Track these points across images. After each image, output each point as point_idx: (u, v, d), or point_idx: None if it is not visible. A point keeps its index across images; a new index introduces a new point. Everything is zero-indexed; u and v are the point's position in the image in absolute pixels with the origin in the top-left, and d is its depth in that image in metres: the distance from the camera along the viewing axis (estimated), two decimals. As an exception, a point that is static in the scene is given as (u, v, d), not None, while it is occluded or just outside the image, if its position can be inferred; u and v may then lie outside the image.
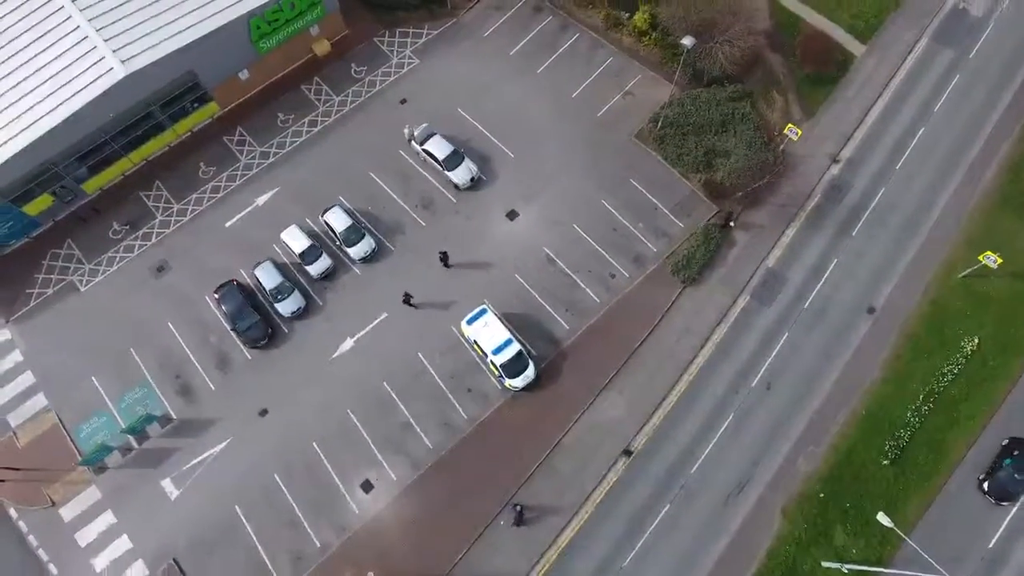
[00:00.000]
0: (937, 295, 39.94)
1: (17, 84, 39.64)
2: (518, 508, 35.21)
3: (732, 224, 41.73)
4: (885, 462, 36.07)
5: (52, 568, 35.65)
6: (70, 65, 39.76)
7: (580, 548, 35.16)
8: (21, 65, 39.96)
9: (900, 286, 40.22)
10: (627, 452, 36.93)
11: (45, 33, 40.23)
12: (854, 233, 41.66)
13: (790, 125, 42.63)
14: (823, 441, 36.86)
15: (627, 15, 48.17)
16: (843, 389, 37.82)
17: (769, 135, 44.02)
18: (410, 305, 40.26)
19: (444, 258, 40.97)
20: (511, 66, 47.35)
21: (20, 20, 40.71)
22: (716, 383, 38.26)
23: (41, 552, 35.99)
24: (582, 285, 40.61)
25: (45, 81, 39.71)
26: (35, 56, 40.09)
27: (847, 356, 38.57)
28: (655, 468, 36.62)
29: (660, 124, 43.86)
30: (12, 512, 36.72)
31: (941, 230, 41.61)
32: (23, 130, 38.81)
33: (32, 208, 42.13)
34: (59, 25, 40.28)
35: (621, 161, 43.88)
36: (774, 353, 38.75)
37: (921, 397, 37.32)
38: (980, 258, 37.95)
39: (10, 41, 40.38)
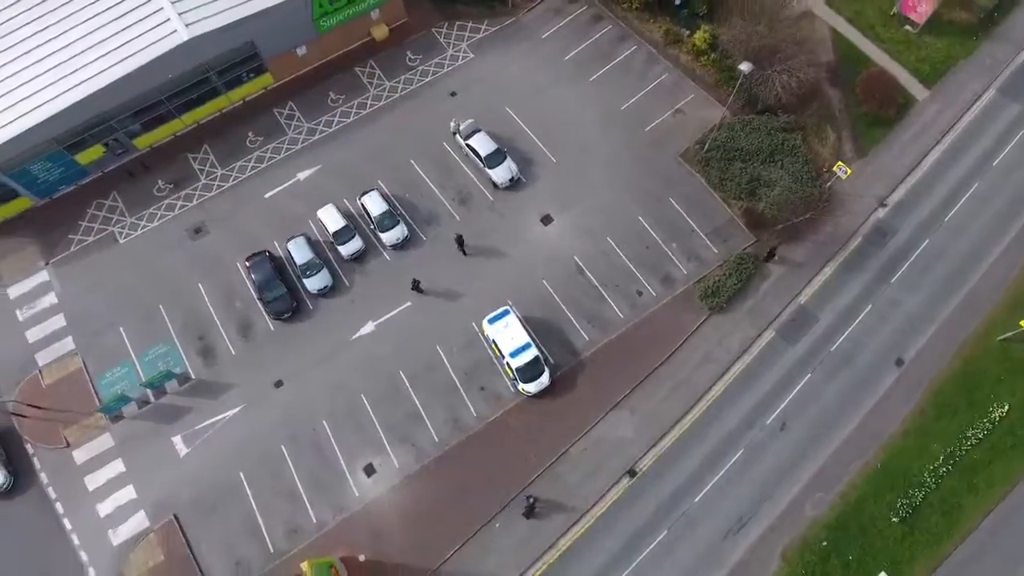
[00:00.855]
0: (971, 355, 38.55)
1: (84, 36, 40.74)
2: (531, 500, 35.01)
3: (775, 258, 40.81)
4: (895, 519, 34.96)
5: (59, 507, 36.50)
6: (136, 23, 40.78)
7: (573, 561, 34.79)
8: (90, 19, 41.07)
9: (933, 341, 38.91)
10: (632, 472, 36.42)
11: (117, -10, 41.33)
12: (893, 280, 40.43)
13: (840, 163, 41.56)
14: (833, 488, 35.87)
15: (687, 33, 47.45)
16: (860, 439, 36.74)
17: (817, 170, 42.96)
18: (419, 291, 40.28)
19: (460, 241, 40.92)
20: (564, 71, 47.00)
21: (95, -25, 41.86)
22: (730, 415, 37.49)
23: (51, 490, 36.90)
24: (608, 299, 40.15)
25: (111, 36, 40.79)
26: (105, 11, 41.19)
27: (869, 406, 37.45)
28: (658, 491, 36.03)
29: (707, 146, 43.11)
30: (29, 447, 37.75)
31: (984, 289, 40.14)
32: (84, 81, 39.83)
33: (83, 157, 43.19)
34: (131, -16, 41.32)
35: (663, 179, 43.26)
36: (794, 393, 37.81)
37: (941, 458, 36.08)
38: (1022, 323, 36.53)
39: (84, -5, 41.58)
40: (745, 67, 38.25)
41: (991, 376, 37.99)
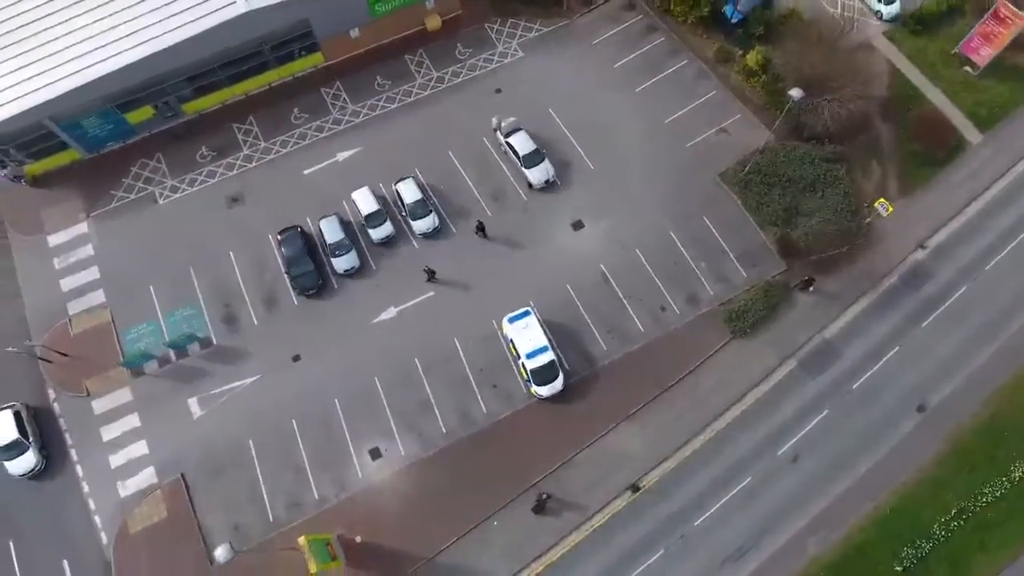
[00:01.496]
0: (998, 410, 37.35)
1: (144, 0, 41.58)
2: (543, 495, 34.85)
3: (811, 289, 39.96)
4: (898, 568, 34.03)
5: (73, 453, 37.36)
6: (198, -9, 41.47)
7: (564, 570, 34.52)
8: (152, -16, 41.90)
9: (960, 391, 37.77)
10: (635, 487, 36.01)
11: (181, -43, 42.00)
12: (924, 324, 39.32)
13: (882, 200, 40.48)
14: (839, 528, 35.04)
15: (740, 52, 46.68)
16: (872, 481, 35.81)
17: (858, 204, 41.94)
18: (433, 280, 40.32)
19: (481, 228, 40.98)
20: (612, 79, 46.59)
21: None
22: (742, 442, 36.83)
23: (67, 436, 37.78)
24: (630, 311, 39.72)
25: (173, 1, 41.50)
26: (168, -23, 42.00)
27: (885, 449, 36.50)
28: (660, 510, 35.57)
29: (748, 169, 42.38)
30: (51, 392, 38.65)
31: (1017, 344, 38.79)
32: (143, 43, 40.67)
33: (133, 117, 44.04)
34: (195, -48, 41.96)
35: (699, 197, 42.64)
36: (809, 426, 37.02)
37: (954, 511, 35.02)
38: (1054, 383, 35.43)
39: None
40: (796, 93, 37.49)
41: (1017, 433, 36.76)
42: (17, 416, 36.56)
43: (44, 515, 36.04)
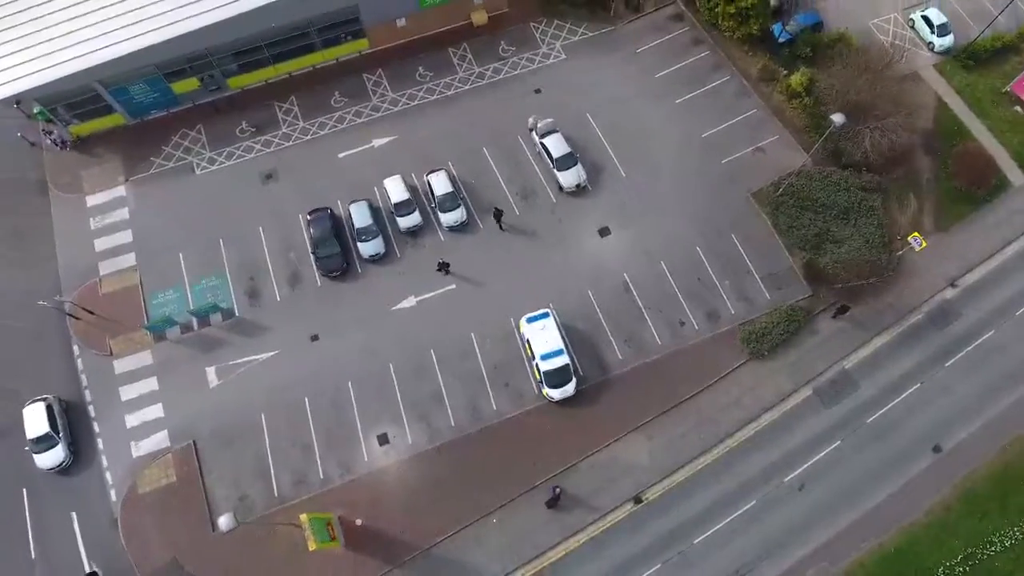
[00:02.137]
0: (1014, 459, 36.36)
1: (200, -27, 42.10)
2: (557, 490, 34.79)
3: (845, 314, 39.22)
4: (897, 608, 33.47)
5: (91, 409, 38.02)
6: (252, -31, 41.79)
7: (559, 574, 34.38)
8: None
9: (977, 436, 36.85)
10: (637, 499, 35.71)
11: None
12: (947, 365, 38.41)
13: (916, 234, 39.73)
14: (840, 562, 34.38)
15: (784, 72, 45.94)
16: (879, 518, 35.11)
17: (891, 236, 41.09)
18: (446, 272, 40.31)
19: (498, 216, 40.95)
20: (652, 89, 46.14)
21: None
22: (749, 465, 36.30)
23: (87, 392, 38.47)
24: (649, 322, 39.37)
25: (226, -23, 42.03)
26: (224, -48, 42.38)
27: (895, 486, 35.74)
28: (661, 524, 35.21)
29: (782, 190, 41.72)
30: (75, 348, 39.38)
31: (1043, 393, 37.92)
32: (196, 15, 40.98)
33: (179, 87, 44.66)
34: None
35: (729, 214, 42.08)
36: (819, 456, 36.37)
37: (960, 556, 34.21)
38: (1076, 437, 34.40)
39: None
40: (838, 118, 36.89)
41: (1031, 484, 35.90)
42: (49, 409, 36.44)
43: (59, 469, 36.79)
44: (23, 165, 44.43)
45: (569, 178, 42.25)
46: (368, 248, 40.80)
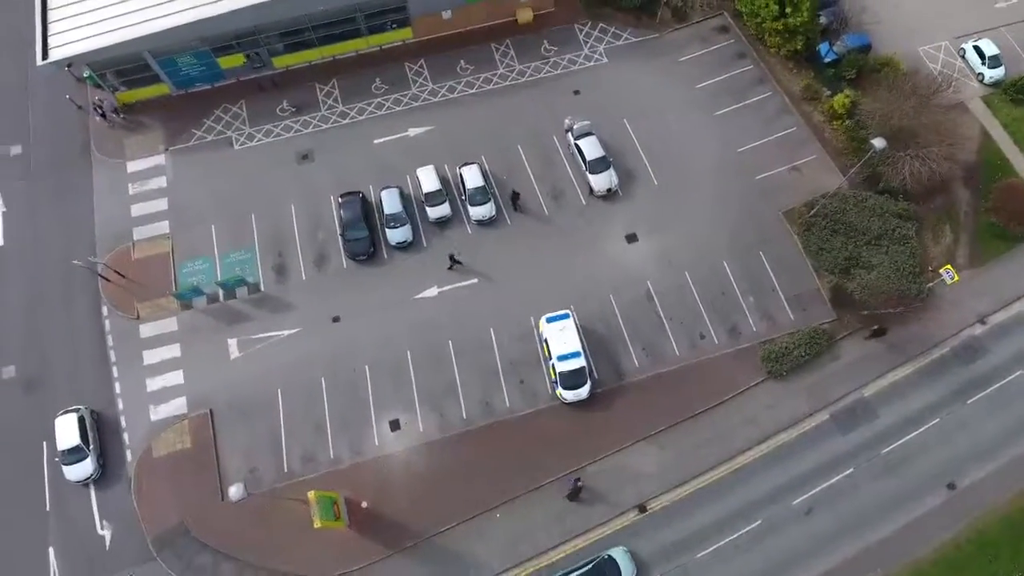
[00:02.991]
0: (1031, 504, 35.40)
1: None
2: (579, 482, 34.47)
3: (883, 335, 38.46)
4: (897, 643, 32.65)
5: (115, 370, 38.53)
6: (305, -49, 41.97)
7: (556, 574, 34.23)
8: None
9: (995, 476, 35.76)
10: (642, 508, 35.29)
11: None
12: (969, 402, 37.34)
13: (949, 266, 38.51)
14: (841, 591, 33.79)
15: (828, 93, 44.94)
16: (886, 551, 34.19)
17: (922, 266, 40.01)
18: (456, 264, 40.11)
19: (515, 198, 40.97)
20: (692, 99, 45.46)
21: None
22: (757, 485, 35.61)
23: (112, 352, 39.02)
24: (668, 332, 38.84)
25: (280, -43, 42.20)
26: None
27: (905, 520, 34.79)
28: (663, 535, 34.70)
29: (815, 211, 40.83)
30: (104, 309, 39.94)
31: (1066, 440, 36.70)
32: (246, -7, 41.38)
33: (225, 62, 45.03)
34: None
35: (759, 231, 41.33)
36: (830, 482, 35.56)
37: (966, 598, 33.39)
38: (1098, 487, 33.21)
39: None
40: (879, 143, 35.97)
41: (1046, 531, 34.78)
42: (81, 421, 35.94)
43: (79, 423, 37.38)
44: (69, 127, 45.13)
45: (601, 182, 41.82)
46: (396, 235, 40.77)
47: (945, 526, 34.80)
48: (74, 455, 35.46)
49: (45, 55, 40.71)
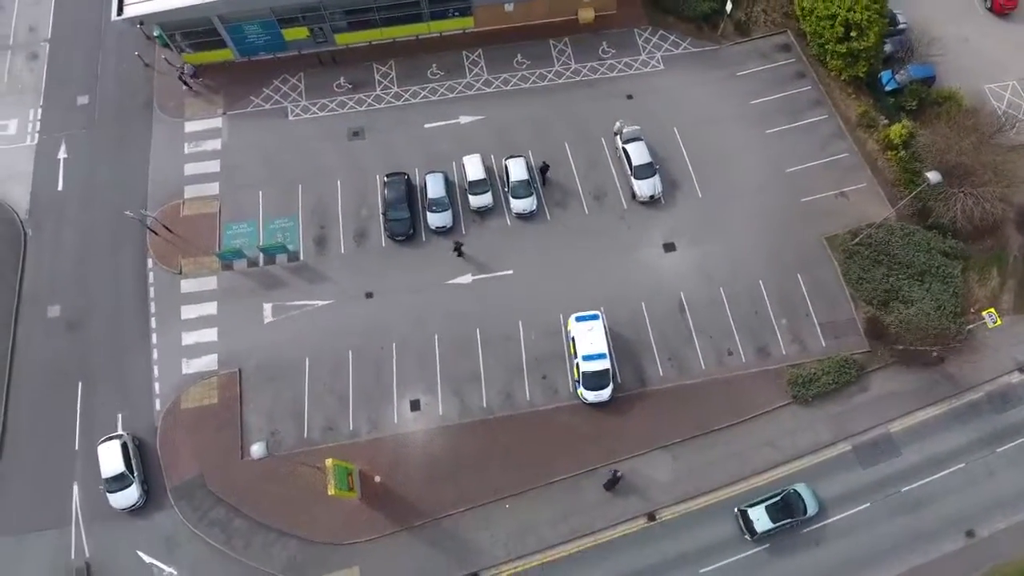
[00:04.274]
0: (1051, 561, 33.63)
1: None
2: (617, 473, 33.92)
3: (942, 362, 37.12)
4: None
5: (153, 321, 38.86)
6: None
7: (557, 572, 33.45)
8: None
9: (1016, 529, 34.08)
10: (651, 516, 34.42)
11: None
12: (998, 451, 35.63)
13: (992, 310, 36.83)
14: (845, 625, 32.57)
15: (885, 121, 43.22)
16: (895, 590, 33.04)
17: (964, 307, 38.30)
18: (460, 254, 39.61)
19: (544, 170, 40.88)
20: (746, 114, 44.07)
21: None
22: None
23: (152, 304, 39.35)
24: (696, 345, 37.77)
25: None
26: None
27: (917, 562, 33.38)
28: (669, 546, 33.83)
29: (859, 239, 39.30)
30: (149, 261, 40.26)
31: (1095, 501, 34.79)
32: (316, -32, 41.30)
33: (289, 34, 44.93)
34: None
35: (799, 254, 39.92)
36: (845, 514, 34.29)
37: (974, 647, 31.89)
38: None
39: None
40: (933, 176, 34.34)
41: (1065, 592, 33.04)
42: (124, 448, 34.55)
43: (115, 369, 37.68)
44: (135, 83, 45.56)
45: (645, 188, 40.82)
46: (436, 219, 40.35)
47: (960, 572, 33.29)
48: (119, 482, 33.92)
49: (120, 11, 41.09)
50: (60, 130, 44.04)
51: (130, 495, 34.01)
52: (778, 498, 33.70)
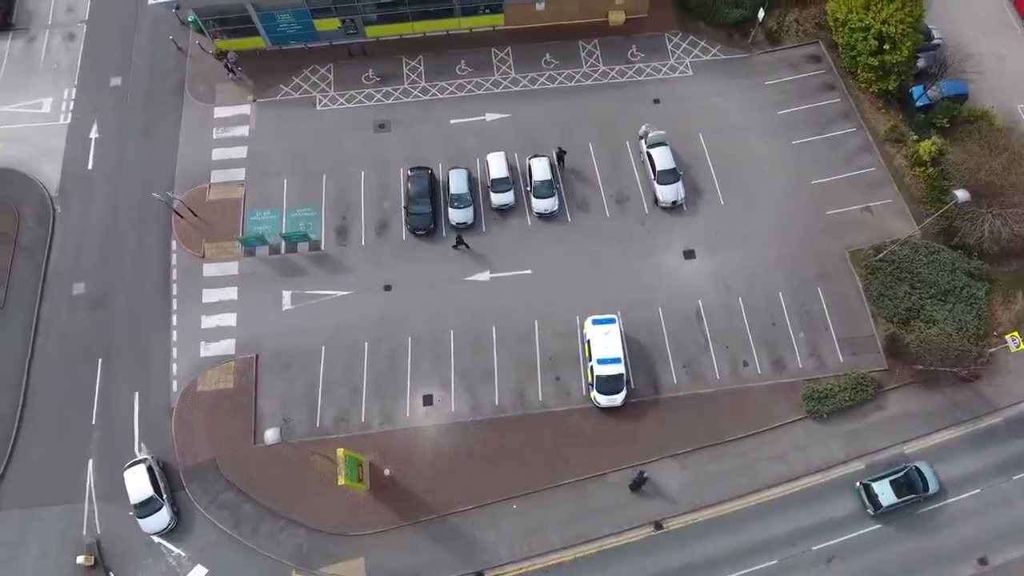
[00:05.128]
0: (1066, 593, 32.19)
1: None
2: (644, 475, 33.13)
3: (972, 382, 35.78)
4: None
5: (175, 303, 38.38)
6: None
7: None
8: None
9: (1031, 559, 32.79)
10: (658, 525, 33.39)
11: None
12: (1014, 478, 34.13)
13: (1016, 334, 35.33)
14: (850, 646, 31.37)
15: (915, 137, 41.61)
16: (903, 613, 31.77)
17: (987, 330, 36.75)
18: (461, 247, 38.83)
19: (561, 156, 40.44)
20: (772, 124, 42.62)
21: None
22: (779, 523, 33.26)
23: (175, 286, 38.85)
24: (712, 354, 36.61)
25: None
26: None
27: (928, 586, 32.25)
28: (674, 556, 32.75)
29: (882, 255, 37.83)
30: (173, 243, 39.77)
31: (1114, 534, 33.23)
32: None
33: (321, 24, 44.15)
34: None
35: (821, 267, 38.54)
36: (856, 534, 32.98)
37: (981, 677, 30.59)
38: None
39: None
40: (962, 195, 32.89)
41: (1078, 626, 31.61)
42: (150, 471, 33.44)
43: (135, 348, 37.26)
44: (168, 67, 45.06)
45: (667, 193, 39.61)
46: (458, 215, 39.43)
47: (971, 601, 32.03)
48: (148, 507, 32.84)
49: (157, -6, 40.64)
50: (93, 110, 43.66)
51: (161, 518, 32.91)
52: (901, 474, 33.15)
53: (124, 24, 46.46)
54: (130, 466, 33.80)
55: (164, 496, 33.27)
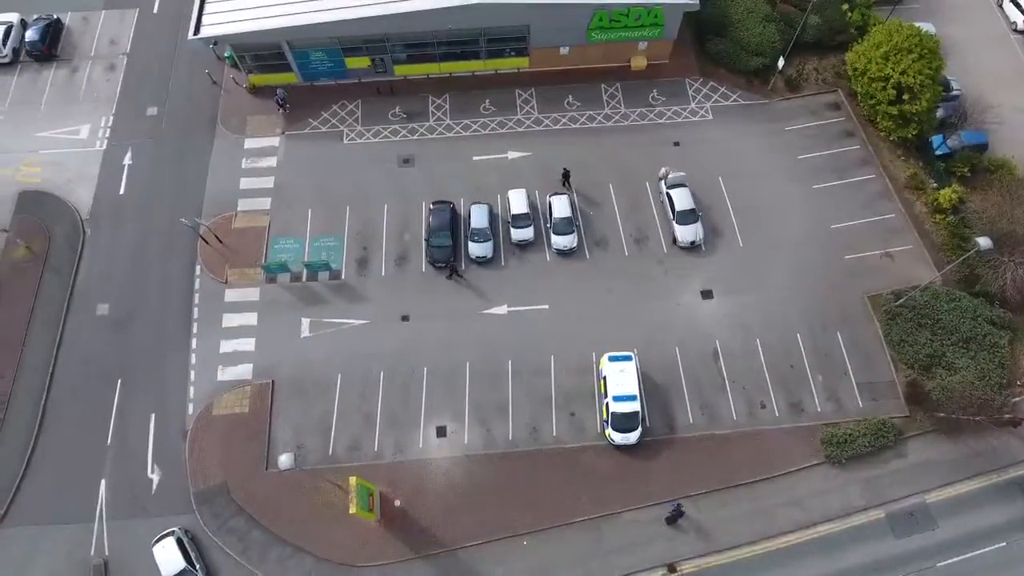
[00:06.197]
0: (1099, 658, 31.40)
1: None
2: (681, 509, 33.32)
3: (1013, 428, 35.61)
4: None
5: (195, 326, 39.54)
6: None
7: (574, 616, 32.54)
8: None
9: (1060, 619, 32.14)
10: (672, 567, 33.24)
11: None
12: (1043, 532, 33.89)
13: (1041, 384, 35.48)
14: None
15: (935, 185, 42.55)
16: (926, 671, 31.12)
17: (1010, 378, 36.84)
18: (456, 275, 40.07)
19: (566, 176, 42.86)
20: (792, 169, 43.83)
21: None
22: (794, 570, 33.05)
23: (196, 309, 40.12)
24: (729, 395, 36.96)
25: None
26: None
27: (952, 643, 31.66)
28: (687, 600, 32.75)
29: (902, 301, 38.32)
30: (197, 268, 41.24)
31: None
32: (384, 3, 42.60)
33: (351, 62, 46.50)
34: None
35: (840, 311, 39.08)
36: (875, 585, 32.80)
37: None
38: None
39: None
40: (984, 242, 33.53)
41: None
42: (180, 543, 33.31)
43: (154, 369, 38.32)
44: (202, 99, 47.42)
45: (686, 233, 40.65)
46: (477, 249, 40.68)
47: (996, 661, 31.34)
48: None
49: (197, 31, 43.18)
50: (128, 138, 45.94)
51: None
52: None
53: (163, 57, 49.25)
54: (159, 540, 33.60)
55: (197, 567, 33.07)
